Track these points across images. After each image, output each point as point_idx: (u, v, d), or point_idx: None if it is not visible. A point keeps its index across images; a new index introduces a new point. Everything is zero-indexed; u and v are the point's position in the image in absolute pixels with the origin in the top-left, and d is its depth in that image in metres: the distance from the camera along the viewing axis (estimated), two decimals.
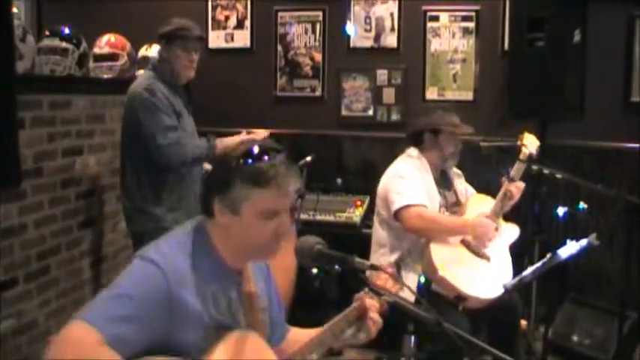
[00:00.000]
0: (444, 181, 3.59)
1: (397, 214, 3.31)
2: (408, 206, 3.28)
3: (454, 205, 3.54)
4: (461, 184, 3.69)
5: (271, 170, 1.77)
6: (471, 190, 3.71)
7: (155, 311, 1.69)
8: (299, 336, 2.09)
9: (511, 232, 3.47)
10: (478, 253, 3.31)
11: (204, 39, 4.12)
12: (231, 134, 3.63)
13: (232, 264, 1.89)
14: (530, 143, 3.51)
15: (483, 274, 3.25)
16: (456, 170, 3.69)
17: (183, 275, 1.76)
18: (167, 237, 1.88)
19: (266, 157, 1.79)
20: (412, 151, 3.52)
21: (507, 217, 3.52)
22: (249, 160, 1.79)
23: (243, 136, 3.62)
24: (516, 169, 3.45)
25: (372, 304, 2.01)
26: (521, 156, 3.47)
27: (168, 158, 3.40)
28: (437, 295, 3.17)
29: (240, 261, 1.91)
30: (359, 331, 2.00)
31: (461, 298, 3.12)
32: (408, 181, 3.36)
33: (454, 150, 3.50)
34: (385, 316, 2.02)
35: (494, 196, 3.47)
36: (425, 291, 3.22)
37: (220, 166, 1.86)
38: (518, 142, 3.51)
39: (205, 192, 1.86)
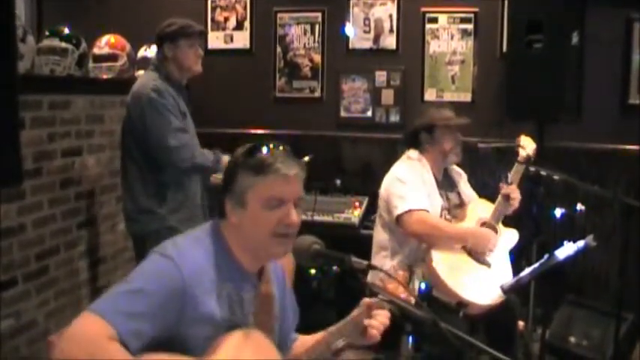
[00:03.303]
0: (446, 183, 3.58)
1: (399, 219, 3.31)
2: (410, 211, 3.27)
3: (456, 208, 3.53)
4: (464, 185, 3.69)
5: (270, 158, 1.83)
6: (473, 193, 3.70)
7: (168, 306, 1.71)
8: (305, 341, 2.10)
9: (511, 237, 3.47)
10: (479, 260, 3.32)
11: (205, 34, 4.10)
12: (231, 135, 3.65)
13: (247, 265, 1.91)
14: (527, 146, 3.52)
15: (484, 280, 3.25)
16: (458, 170, 3.69)
17: (199, 271, 1.79)
18: (185, 235, 1.92)
19: (266, 149, 1.86)
20: (412, 152, 3.50)
21: (506, 220, 3.53)
22: (252, 152, 1.86)
23: None
24: (514, 173, 3.46)
25: (376, 312, 1.99)
26: (519, 159, 3.48)
27: (178, 160, 3.40)
28: (438, 301, 3.16)
29: (254, 262, 1.93)
30: (361, 335, 2.00)
31: (462, 304, 3.12)
32: (409, 185, 3.35)
33: (453, 144, 3.47)
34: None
35: (491, 197, 3.48)
36: (426, 296, 3.22)
37: (229, 167, 1.92)
38: (516, 145, 3.53)
39: (220, 194, 1.91)
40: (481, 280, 3.25)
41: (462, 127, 3.49)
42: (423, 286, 3.19)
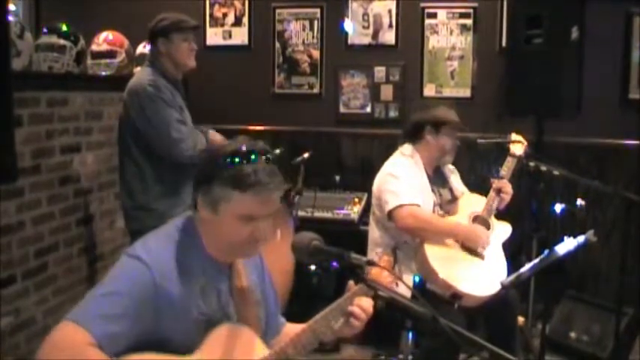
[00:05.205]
0: (438, 179, 3.59)
1: (390, 214, 3.32)
2: (401, 206, 3.28)
3: (449, 203, 3.53)
4: (456, 180, 3.69)
5: (252, 176, 1.75)
6: (465, 188, 3.70)
7: (142, 307, 1.70)
8: (294, 330, 2.08)
9: (503, 230, 3.48)
10: (472, 252, 3.32)
11: (198, 28, 4.07)
12: (229, 131, 3.62)
13: (220, 258, 1.90)
14: (518, 142, 3.54)
15: (477, 272, 3.26)
16: (449, 166, 3.69)
17: (170, 269, 1.77)
18: (156, 232, 1.89)
19: (251, 161, 1.77)
20: (406, 148, 3.51)
21: (504, 214, 3.52)
22: (234, 161, 1.77)
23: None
24: (506, 167, 3.48)
25: (360, 299, 1.96)
26: (511, 153, 3.50)
27: (180, 152, 3.39)
28: (432, 294, 3.17)
29: (225, 256, 1.91)
30: (347, 323, 1.97)
31: (456, 296, 3.13)
32: (401, 180, 3.36)
33: (453, 146, 3.50)
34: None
35: (488, 193, 3.48)
36: (420, 290, 3.22)
37: (206, 162, 1.85)
38: (508, 142, 3.54)
39: (194, 186, 1.86)
40: (475, 272, 3.25)
41: (461, 131, 3.52)
42: (416, 279, 3.19)
